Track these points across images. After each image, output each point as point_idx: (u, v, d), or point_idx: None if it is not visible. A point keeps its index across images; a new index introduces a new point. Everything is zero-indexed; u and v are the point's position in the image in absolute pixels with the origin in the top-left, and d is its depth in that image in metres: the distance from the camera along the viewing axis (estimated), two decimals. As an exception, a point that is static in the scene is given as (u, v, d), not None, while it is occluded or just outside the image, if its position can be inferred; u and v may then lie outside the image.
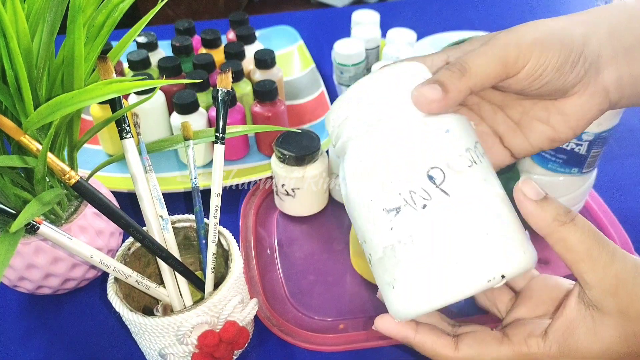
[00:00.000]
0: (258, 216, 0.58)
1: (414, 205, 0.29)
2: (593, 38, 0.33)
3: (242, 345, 0.41)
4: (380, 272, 0.31)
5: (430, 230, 0.29)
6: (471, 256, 0.29)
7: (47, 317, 0.49)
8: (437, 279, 0.29)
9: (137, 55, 0.67)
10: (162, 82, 0.38)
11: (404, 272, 0.30)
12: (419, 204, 0.29)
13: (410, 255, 0.29)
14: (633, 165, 0.62)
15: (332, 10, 1.12)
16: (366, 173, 0.31)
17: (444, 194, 0.29)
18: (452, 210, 0.29)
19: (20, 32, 0.35)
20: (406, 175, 0.29)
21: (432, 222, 0.29)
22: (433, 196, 0.29)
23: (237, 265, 0.41)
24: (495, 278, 0.28)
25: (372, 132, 0.31)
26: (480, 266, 0.28)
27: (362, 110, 0.32)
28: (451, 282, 0.29)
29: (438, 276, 0.29)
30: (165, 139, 0.45)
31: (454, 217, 0.29)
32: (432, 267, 0.29)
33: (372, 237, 0.31)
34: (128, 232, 0.38)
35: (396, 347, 0.45)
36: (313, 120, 0.69)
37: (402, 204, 0.29)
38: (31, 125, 0.36)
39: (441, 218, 0.29)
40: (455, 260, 0.29)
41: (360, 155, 0.31)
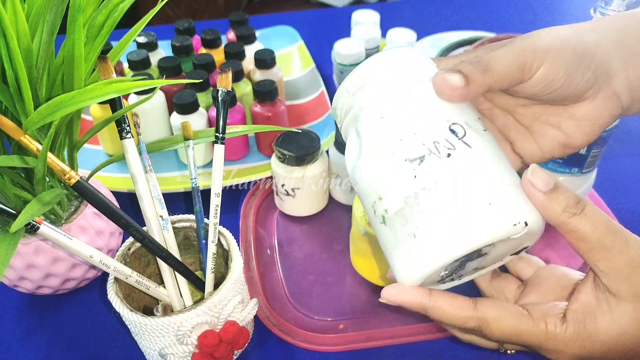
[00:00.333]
0: (258, 216, 0.58)
1: (438, 154, 0.30)
2: (603, 45, 0.33)
3: (242, 345, 0.41)
4: (399, 225, 0.30)
5: (456, 176, 0.29)
6: (498, 201, 0.29)
7: (47, 317, 0.49)
8: (465, 223, 0.29)
9: (137, 55, 0.67)
10: (162, 82, 0.38)
11: (429, 218, 0.29)
12: (444, 153, 0.30)
13: (435, 201, 0.29)
14: (633, 165, 0.62)
15: (332, 10, 1.12)
16: (388, 129, 0.31)
17: (467, 146, 0.30)
18: (476, 160, 0.30)
19: (20, 32, 0.35)
20: (430, 128, 0.30)
21: (458, 170, 0.29)
22: (457, 147, 0.30)
23: (237, 265, 0.41)
24: (520, 223, 0.29)
25: (394, 95, 0.32)
26: (506, 211, 0.29)
27: (380, 78, 0.33)
28: (479, 225, 0.28)
29: (466, 220, 0.29)
30: (165, 139, 0.45)
31: (479, 166, 0.30)
32: (459, 211, 0.29)
33: (391, 190, 0.31)
34: (128, 232, 0.38)
35: (396, 347, 0.45)
36: (313, 120, 0.69)
37: (427, 153, 0.30)
38: (31, 125, 0.36)
39: (466, 166, 0.30)
40: (483, 204, 0.29)
41: (382, 113, 0.32)
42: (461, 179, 0.29)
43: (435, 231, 0.29)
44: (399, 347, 0.45)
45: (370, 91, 0.34)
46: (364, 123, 0.33)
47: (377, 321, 0.47)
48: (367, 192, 0.33)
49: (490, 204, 0.29)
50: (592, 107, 0.34)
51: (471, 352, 0.45)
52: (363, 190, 0.33)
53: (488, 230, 0.28)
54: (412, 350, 0.45)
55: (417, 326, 0.46)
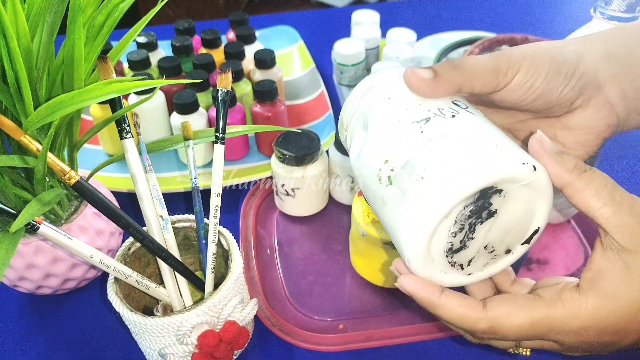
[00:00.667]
0: (258, 216, 0.58)
1: (443, 116, 0.31)
2: (587, 56, 0.34)
3: (242, 345, 0.41)
4: (406, 176, 0.30)
5: (462, 129, 0.30)
6: (505, 145, 0.30)
7: (47, 317, 0.49)
8: (475, 161, 0.29)
9: (137, 55, 0.67)
10: (162, 82, 0.38)
11: (437, 160, 0.29)
12: (448, 115, 0.31)
13: (443, 146, 0.30)
14: (631, 166, 0.62)
15: (332, 10, 1.12)
16: (394, 104, 0.33)
17: (469, 113, 0.32)
18: (480, 121, 0.32)
19: (20, 32, 0.35)
20: (435, 100, 0.33)
21: (463, 125, 0.31)
22: (460, 112, 0.32)
23: (237, 265, 0.41)
24: (528, 164, 0.29)
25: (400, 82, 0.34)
26: (515, 152, 0.30)
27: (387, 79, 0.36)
28: (489, 162, 0.28)
29: (475, 158, 0.29)
30: (165, 139, 0.45)
31: (483, 124, 0.31)
32: (468, 152, 0.29)
33: (398, 148, 0.31)
34: (128, 232, 0.38)
35: (396, 347, 0.45)
36: (313, 120, 0.69)
37: (432, 115, 0.31)
38: (31, 125, 0.36)
39: (471, 123, 0.31)
40: (490, 145, 0.29)
41: (389, 95, 0.34)
42: (467, 130, 0.30)
43: (445, 171, 0.29)
44: (399, 347, 0.45)
45: (378, 90, 0.35)
46: (371, 113, 0.34)
47: (377, 321, 0.47)
48: (370, 165, 0.33)
49: (497, 146, 0.29)
50: (585, 115, 0.34)
51: (471, 352, 0.45)
52: (366, 165, 0.33)
53: (497, 166, 0.28)
54: (412, 350, 0.45)
55: (417, 326, 0.46)
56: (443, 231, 0.30)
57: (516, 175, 0.29)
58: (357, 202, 0.48)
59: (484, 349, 0.45)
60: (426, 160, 0.30)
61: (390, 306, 0.49)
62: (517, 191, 0.30)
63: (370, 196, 0.34)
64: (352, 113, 0.37)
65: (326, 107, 0.69)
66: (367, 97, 0.36)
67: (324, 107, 0.70)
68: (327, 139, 0.63)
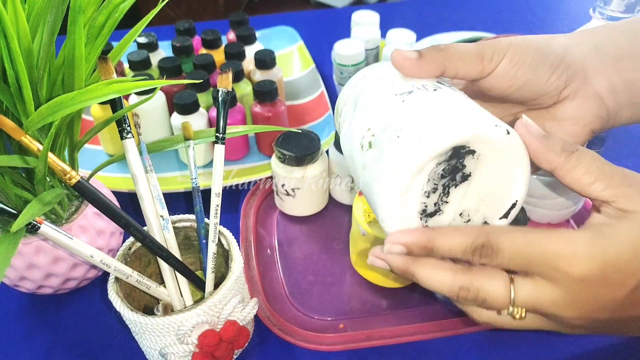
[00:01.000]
0: (258, 216, 0.58)
1: (425, 89, 0.32)
2: (575, 49, 0.34)
3: (243, 344, 0.41)
4: (385, 138, 0.31)
5: (442, 100, 0.31)
6: (480, 110, 0.31)
7: (47, 317, 0.49)
8: (449, 121, 0.29)
9: (137, 55, 0.67)
10: (162, 82, 0.38)
11: (414, 121, 0.30)
12: (431, 89, 0.32)
13: (422, 113, 0.31)
14: (631, 165, 0.62)
15: (332, 10, 1.12)
16: (381, 83, 0.34)
17: (452, 89, 0.33)
18: (461, 95, 0.33)
19: (21, 32, 0.35)
20: (420, 79, 0.34)
21: (444, 97, 0.32)
22: (443, 88, 0.33)
23: (237, 265, 0.41)
24: (501, 127, 0.30)
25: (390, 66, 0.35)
26: (489, 117, 0.31)
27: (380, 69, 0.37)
28: (462, 122, 0.29)
29: (450, 118, 0.30)
30: (165, 139, 0.45)
31: (463, 98, 0.32)
32: (444, 114, 0.30)
33: (380, 117, 0.32)
34: (129, 231, 0.38)
35: (396, 346, 0.45)
36: (313, 120, 0.69)
37: (414, 89, 0.33)
38: (32, 125, 0.36)
39: (452, 96, 0.32)
40: (466, 109, 0.31)
41: (378, 76, 0.35)
42: (446, 100, 0.31)
43: (419, 130, 0.30)
44: (399, 346, 0.45)
45: (369, 75, 0.36)
46: (360, 94, 0.36)
47: (377, 321, 0.47)
48: (355, 135, 0.34)
49: (472, 110, 0.31)
50: (572, 106, 0.35)
51: (471, 351, 0.45)
52: (352, 136, 0.35)
53: (469, 125, 0.29)
54: (412, 350, 0.45)
55: (417, 325, 0.46)
56: (416, 190, 0.30)
57: (487, 135, 0.29)
58: (357, 202, 0.48)
59: (484, 348, 0.45)
60: (404, 122, 0.31)
61: (390, 306, 0.49)
62: (491, 155, 0.30)
63: (353, 166, 0.35)
64: (345, 100, 0.38)
65: (326, 107, 0.69)
66: (359, 86, 0.37)
67: (324, 107, 0.70)
68: (327, 139, 0.63)
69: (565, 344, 0.45)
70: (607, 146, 0.57)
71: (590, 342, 0.45)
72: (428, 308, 0.48)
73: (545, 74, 0.33)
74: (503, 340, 0.46)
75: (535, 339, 0.46)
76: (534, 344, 0.45)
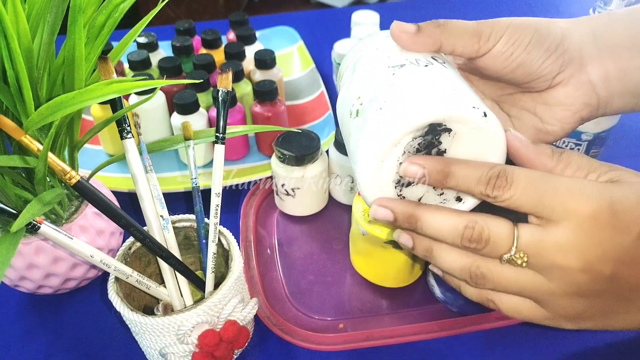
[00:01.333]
0: (258, 216, 0.58)
1: (417, 65, 0.33)
2: (575, 34, 0.35)
3: (243, 344, 0.41)
4: (370, 110, 0.32)
5: (429, 76, 0.32)
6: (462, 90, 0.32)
7: (47, 317, 0.49)
8: (428, 98, 0.31)
9: (137, 55, 0.67)
10: (162, 82, 0.38)
11: (398, 95, 0.32)
12: (422, 64, 0.33)
13: (407, 87, 0.32)
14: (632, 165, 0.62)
15: (332, 10, 1.12)
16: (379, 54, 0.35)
17: (443, 66, 0.34)
18: (450, 73, 0.33)
19: (21, 32, 0.35)
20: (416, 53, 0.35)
21: (432, 74, 0.33)
22: (434, 64, 0.34)
23: (237, 265, 0.41)
24: (479, 109, 0.31)
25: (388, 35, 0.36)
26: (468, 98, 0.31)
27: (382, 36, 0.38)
28: (440, 101, 0.31)
29: (429, 96, 0.31)
30: (165, 139, 0.45)
31: (452, 76, 0.33)
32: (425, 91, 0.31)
33: (370, 86, 0.33)
34: (129, 231, 0.38)
35: (396, 346, 0.45)
36: (313, 120, 0.69)
37: (407, 63, 0.33)
38: (32, 125, 0.36)
39: (441, 73, 0.33)
40: (448, 88, 0.32)
41: (377, 45, 0.36)
42: (433, 77, 0.32)
43: (401, 104, 0.31)
44: (399, 346, 0.45)
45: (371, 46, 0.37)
46: (359, 61, 0.37)
47: (376, 320, 0.47)
48: (346, 102, 0.36)
49: (454, 90, 0.31)
50: (564, 92, 0.35)
51: (471, 351, 0.45)
52: (344, 103, 0.36)
53: (448, 104, 0.30)
54: (412, 350, 0.45)
55: (417, 325, 0.46)
56: (392, 160, 0.32)
57: (464, 116, 0.30)
58: (357, 201, 0.48)
59: (484, 348, 0.45)
60: (388, 95, 0.32)
61: (390, 305, 0.49)
62: (467, 135, 0.31)
63: (343, 132, 0.37)
64: (347, 64, 0.39)
65: (326, 107, 0.69)
66: (362, 51, 0.38)
67: (324, 107, 0.70)
68: (327, 139, 0.63)
69: (565, 344, 0.45)
70: (607, 146, 0.57)
71: (590, 342, 0.45)
72: (428, 308, 0.48)
73: (540, 58, 0.34)
74: (503, 340, 0.46)
75: (535, 339, 0.46)
76: (534, 344, 0.45)
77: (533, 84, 0.35)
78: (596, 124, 0.48)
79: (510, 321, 0.46)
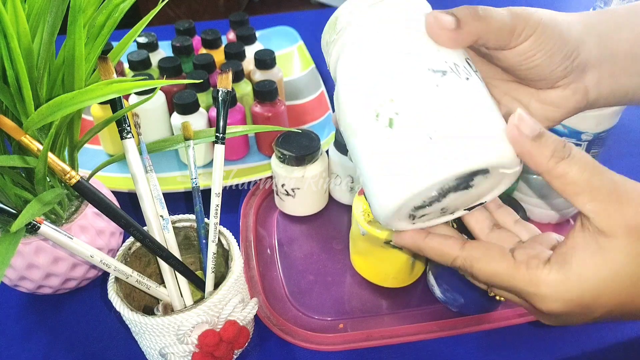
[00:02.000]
0: (258, 216, 0.58)
1: (457, 74, 0.30)
2: (587, 42, 0.34)
3: (243, 344, 0.41)
4: (412, 128, 0.29)
5: (474, 97, 0.30)
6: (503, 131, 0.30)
7: (47, 317, 0.49)
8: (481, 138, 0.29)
9: (137, 55, 0.67)
10: (162, 82, 0.38)
11: (450, 127, 0.29)
12: (463, 76, 0.30)
13: (457, 113, 0.29)
14: (631, 165, 0.63)
15: (332, 10, 1.12)
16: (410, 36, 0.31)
17: (478, 79, 0.31)
18: (486, 91, 0.31)
19: (20, 32, 0.35)
20: (450, 52, 0.31)
21: (475, 92, 0.30)
22: (472, 76, 0.31)
23: (237, 265, 0.41)
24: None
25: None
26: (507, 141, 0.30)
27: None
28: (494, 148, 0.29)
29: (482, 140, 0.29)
30: (165, 139, 0.45)
31: (489, 96, 0.31)
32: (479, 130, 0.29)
33: (410, 93, 0.30)
34: (128, 231, 0.38)
35: (396, 346, 0.45)
36: (313, 120, 0.69)
37: (448, 69, 0.30)
38: (32, 125, 0.36)
39: (481, 92, 0.31)
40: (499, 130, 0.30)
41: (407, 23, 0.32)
42: (479, 102, 0.30)
43: (454, 140, 0.28)
44: (399, 346, 0.45)
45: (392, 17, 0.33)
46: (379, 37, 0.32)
47: (376, 320, 0.47)
48: (369, 93, 0.31)
49: (504, 130, 0.30)
50: (561, 95, 0.35)
51: (471, 352, 0.45)
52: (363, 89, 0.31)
53: (503, 152, 0.29)
54: (412, 350, 0.45)
55: (417, 325, 0.46)
56: (423, 194, 0.30)
57: (512, 164, 0.30)
58: (357, 201, 0.48)
59: (484, 348, 0.45)
60: (439, 123, 0.29)
61: (390, 305, 0.49)
62: (496, 174, 0.31)
63: (352, 121, 0.32)
64: (351, 19, 0.34)
65: (326, 107, 0.69)
66: (375, 14, 0.33)
67: (324, 107, 0.70)
68: (327, 139, 0.63)
69: (565, 345, 0.45)
70: (607, 146, 0.57)
71: (591, 342, 0.45)
72: (428, 308, 0.48)
73: (557, 63, 0.33)
74: (503, 340, 0.46)
75: (535, 339, 0.46)
76: (534, 344, 0.45)
77: (537, 83, 0.35)
78: (596, 124, 0.48)
79: (510, 321, 0.46)
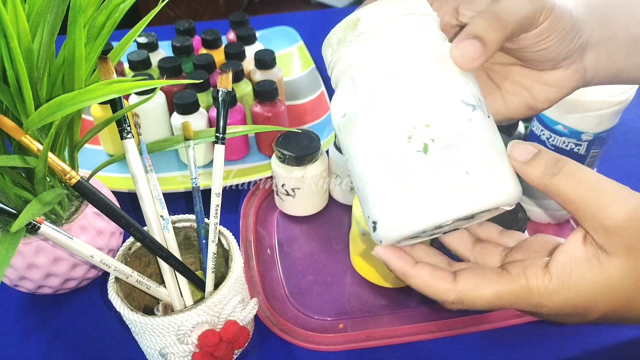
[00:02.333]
0: (258, 216, 0.58)
1: (482, 110, 0.31)
2: (588, 22, 0.34)
3: (243, 344, 0.41)
4: (451, 159, 0.29)
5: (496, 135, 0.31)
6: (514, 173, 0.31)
7: (47, 317, 0.49)
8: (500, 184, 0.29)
9: (137, 55, 0.67)
10: (162, 82, 0.38)
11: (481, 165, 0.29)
12: (486, 113, 0.31)
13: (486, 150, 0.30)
14: (631, 165, 0.63)
15: (332, 10, 1.12)
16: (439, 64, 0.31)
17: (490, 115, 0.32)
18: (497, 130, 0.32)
19: (21, 32, 0.35)
20: (474, 85, 0.31)
21: (494, 131, 0.31)
22: (490, 114, 0.32)
23: (237, 265, 0.41)
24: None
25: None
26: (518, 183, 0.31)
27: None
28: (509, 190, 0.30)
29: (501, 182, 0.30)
30: (165, 139, 0.45)
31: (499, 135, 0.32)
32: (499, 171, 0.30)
33: (446, 122, 0.30)
34: (128, 231, 0.38)
35: (396, 346, 0.45)
36: (313, 120, 0.69)
37: (477, 104, 0.30)
38: (32, 125, 0.36)
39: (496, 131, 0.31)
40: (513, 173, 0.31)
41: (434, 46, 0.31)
42: (499, 144, 0.31)
43: (484, 179, 0.29)
44: (399, 346, 0.45)
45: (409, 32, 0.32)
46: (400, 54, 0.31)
47: (376, 321, 0.47)
48: (399, 114, 0.30)
49: (513, 174, 0.30)
50: (563, 76, 0.35)
51: (471, 352, 0.45)
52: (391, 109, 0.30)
53: (516, 192, 0.30)
54: (412, 350, 0.45)
55: (417, 326, 0.46)
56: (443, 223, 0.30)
57: (515, 203, 0.30)
58: (357, 201, 0.48)
59: (484, 348, 0.45)
60: (473, 158, 0.29)
61: (390, 306, 0.49)
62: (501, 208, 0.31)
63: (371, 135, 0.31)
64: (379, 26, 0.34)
65: (326, 107, 0.69)
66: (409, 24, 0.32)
67: (324, 107, 0.70)
68: (327, 139, 0.63)
69: (565, 344, 0.45)
70: (607, 146, 0.57)
71: (590, 342, 0.45)
72: (428, 308, 0.48)
73: (562, 47, 0.33)
74: (503, 340, 0.46)
75: (535, 339, 0.46)
76: (534, 344, 0.45)
77: (542, 64, 0.35)
78: (596, 124, 0.48)
79: (510, 321, 0.46)
